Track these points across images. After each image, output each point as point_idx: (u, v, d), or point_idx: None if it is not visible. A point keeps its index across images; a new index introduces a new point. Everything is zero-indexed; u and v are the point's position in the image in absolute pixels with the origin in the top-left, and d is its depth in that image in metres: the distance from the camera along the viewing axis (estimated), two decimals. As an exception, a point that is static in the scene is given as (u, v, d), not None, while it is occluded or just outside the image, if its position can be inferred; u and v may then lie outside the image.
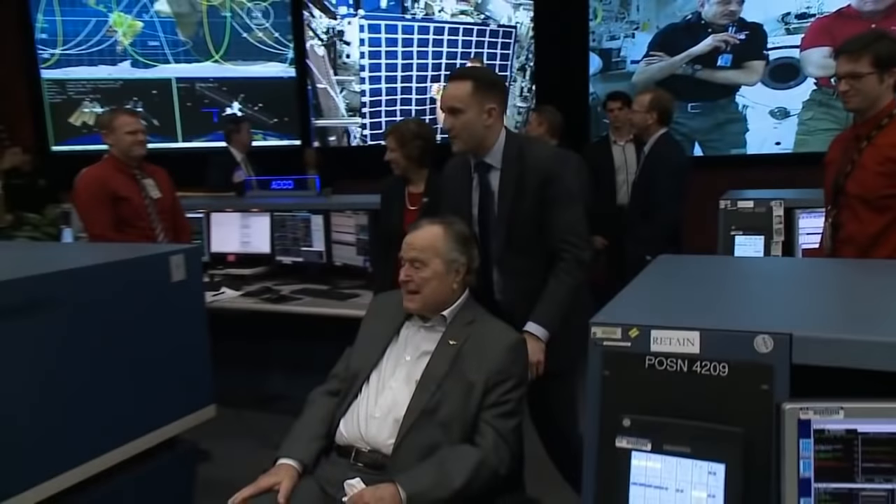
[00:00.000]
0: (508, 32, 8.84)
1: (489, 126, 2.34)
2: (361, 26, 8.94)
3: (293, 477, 1.94)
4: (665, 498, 1.10)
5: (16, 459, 1.79)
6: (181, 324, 2.35)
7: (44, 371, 1.90)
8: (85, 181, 3.80)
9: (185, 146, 9.04)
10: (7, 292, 1.83)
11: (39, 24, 9.08)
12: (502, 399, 1.97)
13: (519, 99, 8.95)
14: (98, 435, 2.02)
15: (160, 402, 2.26)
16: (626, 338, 1.19)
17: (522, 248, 2.39)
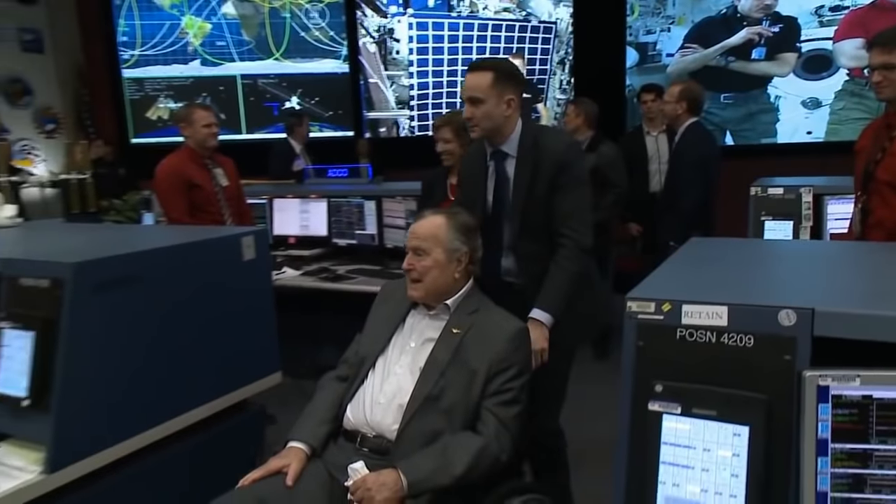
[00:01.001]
0: (549, 28, 8.76)
1: (508, 116, 2.29)
2: (410, 24, 8.95)
3: (302, 460, 1.89)
4: (693, 456, 1.11)
5: (112, 414, 1.89)
6: (251, 298, 2.41)
7: (133, 339, 1.98)
8: (164, 170, 3.88)
9: (249, 138, 9.20)
10: (109, 268, 1.92)
11: (121, 28, 9.32)
12: (504, 387, 1.90)
13: (558, 91, 8.87)
14: (180, 395, 2.10)
15: (233, 368, 2.32)
16: (659, 311, 1.20)
17: (536, 235, 2.33)
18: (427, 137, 8.95)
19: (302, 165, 6.02)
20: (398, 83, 9.09)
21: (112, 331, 1.92)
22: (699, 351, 1.15)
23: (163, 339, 2.06)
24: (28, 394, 1.80)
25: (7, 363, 1.87)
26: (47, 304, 1.83)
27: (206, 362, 2.21)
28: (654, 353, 1.18)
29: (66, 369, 1.78)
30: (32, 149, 8.86)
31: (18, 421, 1.83)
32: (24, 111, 8.86)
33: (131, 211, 5.66)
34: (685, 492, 1.10)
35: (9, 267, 1.94)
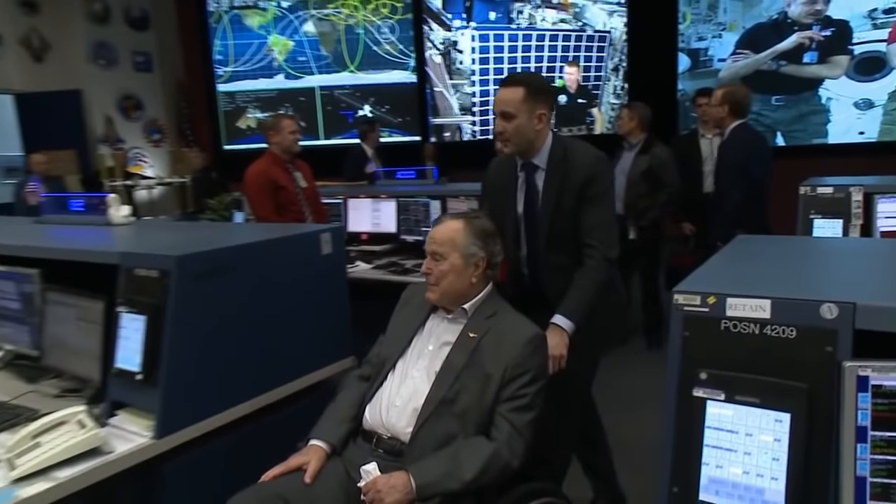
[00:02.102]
0: (603, 37, 8.63)
1: (539, 130, 2.16)
2: (473, 36, 8.96)
3: (321, 458, 1.80)
4: (735, 440, 1.10)
5: (208, 389, 1.95)
6: (328, 289, 2.44)
7: (226, 323, 2.03)
8: (252, 174, 4.00)
9: (326, 143, 9.40)
10: (206, 260, 1.98)
11: (216, 47, 9.67)
12: (518, 393, 1.76)
13: (612, 96, 8.74)
14: (265, 375, 2.16)
15: (310, 352, 2.36)
16: (705, 304, 1.18)
17: (563, 246, 2.20)
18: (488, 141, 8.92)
19: (373, 168, 6.10)
20: (461, 91, 9.12)
21: (209, 316, 1.98)
22: (742, 341, 1.13)
23: (251, 324, 2.12)
24: (141, 369, 1.88)
25: (124, 343, 1.95)
26: (156, 291, 1.91)
27: (287, 346, 2.25)
28: (699, 342, 1.17)
29: (171, 349, 1.86)
30: (142, 156, 9.27)
31: (133, 392, 1.91)
32: (136, 123, 9.29)
33: (224, 210, 5.85)
34: (728, 473, 1.09)
35: (126, 260, 2.03)
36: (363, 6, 9.30)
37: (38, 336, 2.32)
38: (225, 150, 9.64)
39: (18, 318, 2.41)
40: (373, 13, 9.29)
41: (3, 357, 2.46)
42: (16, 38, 8.25)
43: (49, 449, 1.65)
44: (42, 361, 2.31)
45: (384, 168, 5.90)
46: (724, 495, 1.09)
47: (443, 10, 9.02)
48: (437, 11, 9.05)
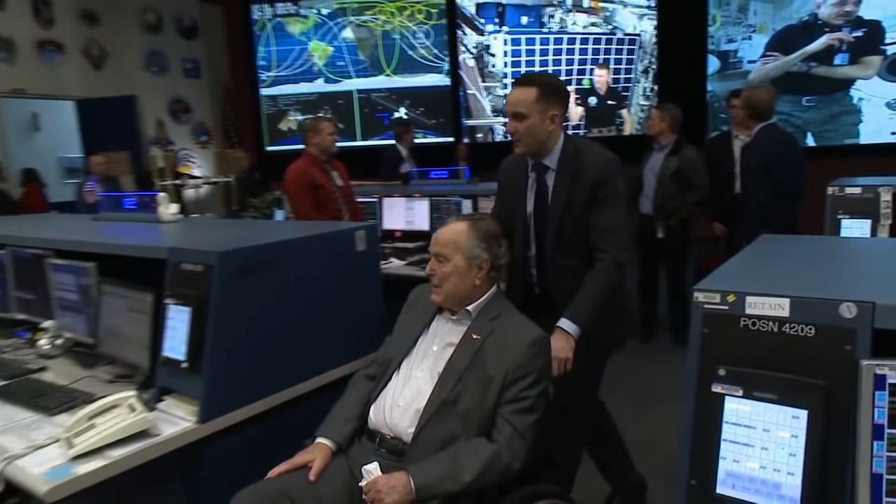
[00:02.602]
0: (633, 40, 8.52)
1: (551, 131, 2.07)
2: (505, 40, 8.94)
3: (326, 456, 1.75)
4: (753, 435, 1.08)
5: (248, 378, 1.97)
6: (362, 284, 2.44)
7: (266, 315, 2.05)
8: (292, 173, 4.04)
9: (363, 144, 9.47)
10: (247, 256, 2.00)
11: (260, 54, 9.82)
12: (520, 395, 1.68)
13: (642, 98, 8.63)
14: (301, 366, 2.17)
15: (344, 344, 2.35)
16: (724, 302, 1.17)
17: (570, 248, 2.10)
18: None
19: (408, 168, 6.12)
20: (494, 93, 9.10)
21: (249, 308, 2.00)
22: (761, 339, 1.11)
23: (288, 316, 2.13)
24: (186, 358, 1.92)
25: (171, 333, 1.99)
26: (201, 285, 1.94)
27: (322, 338, 2.26)
28: (718, 339, 1.15)
29: (213, 339, 1.89)
30: (191, 157, 9.46)
31: (179, 379, 1.94)
32: (185, 126, 9.49)
33: (266, 208, 5.93)
34: (745, 467, 1.08)
35: (173, 255, 2.06)
36: (399, 12, 9.34)
37: (94, 325, 2.37)
38: (267, 151, 9.78)
39: (77, 308, 2.46)
40: (408, 19, 9.32)
41: (63, 344, 2.52)
42: (77, 48, 8.49)
43: (103, 430, 1.70)
44: (97, 349, 2.36)
45: (418, 168, 5.91)
46: (741, 489, 1.08)
47: (476, 15, 9.01)
48: (471, 16, 9.05)
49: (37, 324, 2.66)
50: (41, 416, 1.92)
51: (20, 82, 7.90)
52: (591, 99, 8.78)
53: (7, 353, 2.58)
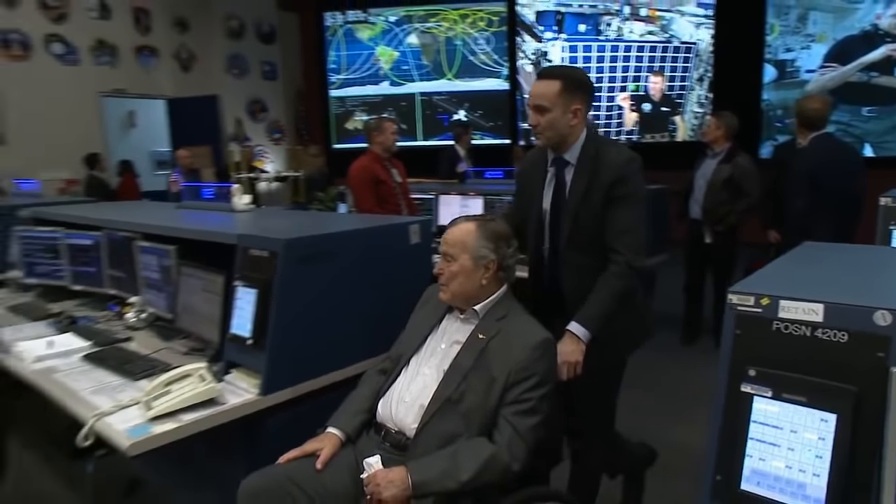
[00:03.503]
0: (689, 48, 8.28)
1: (573, 125, 1.92)
2: (563, 47, 8.82)
3: (335, 445, 1.71)
4: (780, 436, 1.05)
5: (306, 357, 2.00)
6: (414, 275, 2.42)
7: (324, 300, 2.07)
8: (357, 170, 4.09)
9: (423, 144, 9.53)
10: (309, 245, 2.03)
11: (331, 58, 10.00)
12: (522, 397, 1.60)
13: (696, 105, 8.38)
14: (354, 349, 2.18)
15: (392, 331, 2.27)
16: (758, 305, 1.13)
17: (584, 246, 1.94)
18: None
19: (464, 168, 6.12)
20: (551, 98, 9.00)
21: (309, 292, 2.03)
22: (793, 343, 1.08)
23: (343, 303, 2.14)
24: (251, 335, 1.96)
25: (239, 312, 2.04)
26: (267, 269, 1.97)
27: (373, 324, 2.24)
28: (750, 341, 1.12)
29: (276, 319, 1.92)
30: (265, 153, 9.72)
31: (245, 355, 1.99)
32: (261, 124, 9.76)
33: (330, 202, 6.03)
34: (770, 466, 1.05)
35: (244, 241, 2.10)
36: (462, 20, 9.35)
37: (172, 302, 2.45)
38: (334, 149, 9.96)
39: (159, 286, 2.56)
40: (470, 26, 9.32)
41: (147, 318, 2.63)
42: (170, 52, 8.85)
43: (177, 396, 1.78)
44: (175, 324, 2.44)
45: (474, 168, 5.90)
46: (766, 487, 1.05)
47: (535, 22, 8.93)
48: (530, 24, 8.97)
49: (125, 299, 2.79)
50: (126, 381, 2.02)
51: (120, 83, 8.31)
52: (644, 105, 8.58)
53: (100, 323, 2.72)
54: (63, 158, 7.52)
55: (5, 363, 2.23)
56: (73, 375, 2.10)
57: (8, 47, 7.37)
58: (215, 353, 2.15)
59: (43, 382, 2.07)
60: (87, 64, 8.02)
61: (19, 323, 2.78)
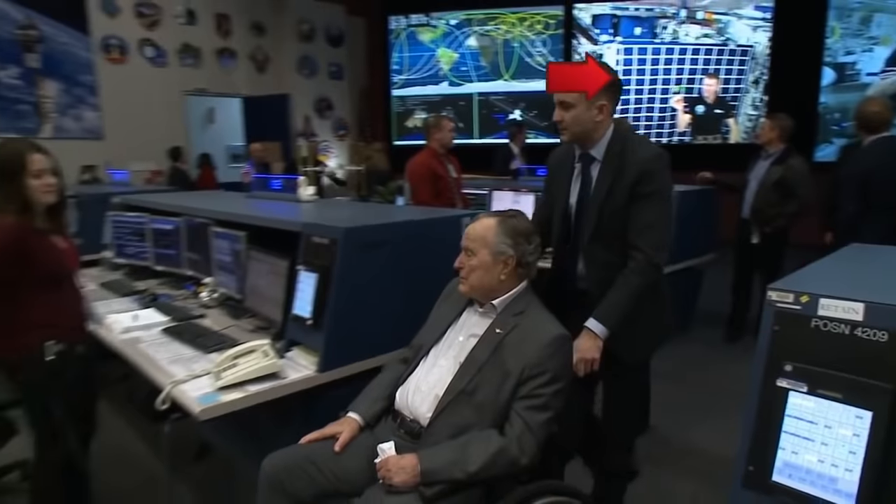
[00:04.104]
0: (745, 51, 7.96)
1: (599, 121, 1.81)
2: (618, 50, 8.63)
3: (354, 430, 1.69)
4: (814, 430, 1.02)
5: (361, 338, 2.04)
6: None
7: (379, 286, 2.10)
8: (415, 164, 4.11)
9: (479, 142, 9.51)
10: (367, 234, 2.08)
11: (394, 59, 10.09)
12: (535, 392, 1.54)
13: (750, 108, 8.05)
14: (405, 333, 2.10)
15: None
16: (798, 302, 1.10)
17: (608, 241, 1.85)
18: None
19: (517, 165, 6.08)
20: (604, 100, 8.83)
21: (365, 278, 2.06)
22: (831, 340, 1.04)
23: (396, 289, 2.16)
24: (311, 316, 2.02)
25: (301, 294, 2.10)
26: (327, 255, 2.02)
27: (422, 312, 2.16)
28: (787, 337, 1.09)
29: (334, 302, 1.97)
30: (330, 148, 9.92)
31: (305, 334, 2.05)
32: (327, 121, 9.96)
33: (389, 195, 6.10)
34: (803, 460, 1.02)
35: (306, 228, 2.16)
36: (520, 23, 9.27)
37: (242, 284, 2.53)
38: (395, 145, 10.06)
39: (230, 269, 2.65)
40: (528, 29, 9.23)
41: (218, 297, 2.73)
42: (247, 54, 9.14)
43: (243, 368, 1.85)
44: (243, 303, 2.52)
45: (527, 165, 5.86)
46: (797, 479, 1.02)
47: (591, 26, 8.77)
48: (586, 27, 8.81)
49: (200, 279, 2.90)
50: (199, 353, 2.11)
51: (202, 83, 8.64)
52: (698, 107, 8.31)
53: (178, 301, 2.85)
54: (150, 151, 7.89)
55: (98, 333, 2.36)
56: (154, 346, 2.21)
57: (108, 51, 7.78)
58: (278, 331, 2.20)
59: (128, 351, 2.19)
60: (173, 65, 8.37)
61: (109, 298, 2.95)
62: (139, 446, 3.05)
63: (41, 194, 1.97)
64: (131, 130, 7.87)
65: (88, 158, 7.33)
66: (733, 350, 4.29)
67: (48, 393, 1.97)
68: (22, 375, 1.99)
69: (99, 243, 3.71)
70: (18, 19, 7.05)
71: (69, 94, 7.48)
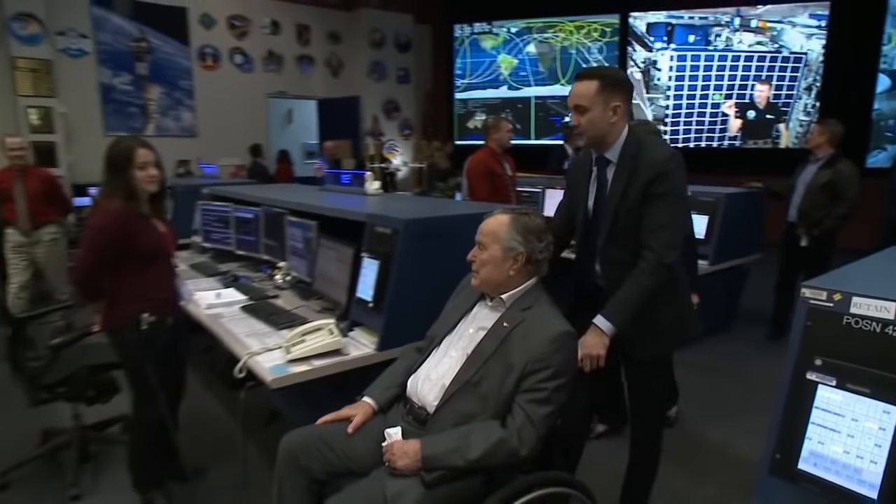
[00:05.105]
0: (799, 58, 7.54)
1: (613, 123, 1.74)
2: (671, 56, 8.35)
3: (367, 413, 1.67)
4: (841, 423, 0.99)
5: (416, 320, 1.97)
6: None
7: (435, 273, 2.09)
8: (474, 163, 4.12)
9: (536, 143, 9.42)
10: (425, 225, 2.09)
11: (457, 65, 10.11)
12: (537, 386, 1.48)
13: (802, 113, 7.63)
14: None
15: None
16: (830, 300, 1.06)
17: (624, 241, 1.78)
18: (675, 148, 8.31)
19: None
20: (656, 104, 8.57)
21: (423, 266, 2.08)
22: (862, 337, 1.00)
23: (450, 278, 2.10)
24: (372, 299, 2.07)
25: (364, 279, 2.15)
26: (388, 244, 2.07)
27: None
28: (819, 333, 1.05)
29: (394, 287, 2.02)
30: (395, 146, 10.05)
31: (367, 315, 2.10)
32: (394, 122, 10.09)
33: (449, 190, 6.14)
34: (829, 450, 0.99)
35: (371, 219, 2.21)
36: (577, 31, 9.10)
37: (312, 268, 2.61)
38: (456, 145, 10.09)
39: (302, 254, 2.72)
40: (585, 36, 9.06)
41: (291, 280, 2.82)
42: (323, 60, 9.37)
43: (310, 344, 1.93)
44: (312, 286, 2.60)
45: (579, 166, 5.77)
46: (822, 468, 1.00)
47: (646, 33, 8.52)
48: (641, 35, 8.57)
49: (275, 263, 3.00)
50: (272, 329, 2.20)
51: (282, 86, 8.94)
52: (749, 112, 7.94)
53: (255, 282, 2.97)
54: (236, 147, 8.23)
55: (187, 308, 2.50)
56: (233, 321, 2.32)
57: (204, 59, 8.18)
58: (343, 312, 2.26)
59: (212, 325, 2.31)
60: (258, 71, 8.69)
61: (197, 278, 3.12)
62: (218, 409, 3.21)
63: (145, 184, 2.11)
64: (220, 129, 8.24)
65: (183, 154, 7.74)
66: (774, 348, 4.12)
67: (141, 358, 2.10)
68: (120, 341, 2.14)
69: (190, 229, 3.90)
70: (133, 33, 7.53)
71: (170, 98, 7.91)
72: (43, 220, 4.16)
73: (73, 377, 2.43)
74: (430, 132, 10.30)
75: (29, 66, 6.60)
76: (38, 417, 2.80)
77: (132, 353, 2.12)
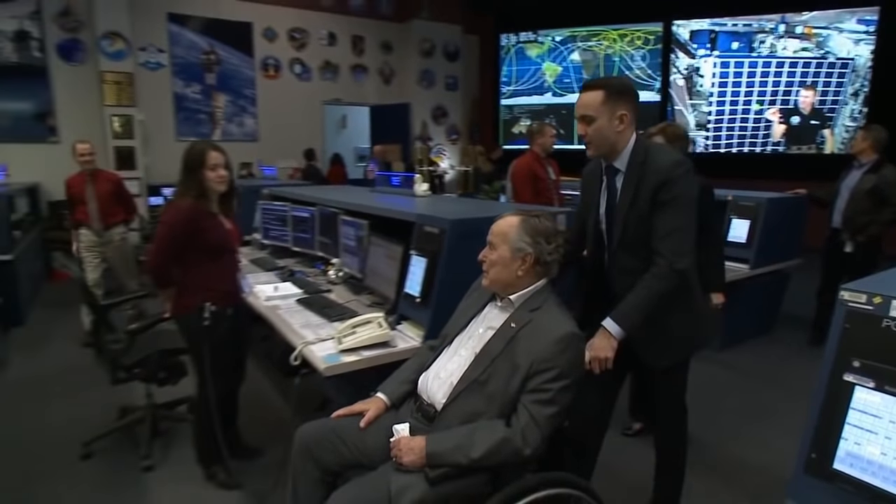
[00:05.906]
0: (845, 64, 7.17)
1: (620, 132, 1.69)
2: (715, 63, 8.09)
3: (380, 409, 1.65)
4: (878, 424, 0.95)
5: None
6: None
7: (478, 272, 1.94)
8: (519, 166, 4.10)
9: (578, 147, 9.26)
10: (470, 225, 2.07)
11: (503, 72, 10.09)
12: (542, 387, 1.44)
13: (848, 119, 7.26)
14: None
15: None
16: (870, 303, 1.03)
17: (634, 249, 1.73)
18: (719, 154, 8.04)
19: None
20: (699, 110, 8.33)
21: (467, 264, 1.99)
22: (902, 342, 0.97)
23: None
24: (420, 295, 2.09)
25: (412, 276, 2.16)
26: (436, 242, 2.08)
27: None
28: (857, 335, 1.02)
29: (440, 284, 2.03)
30: (443, 150, 10.11)
31: (414, 310, 2.12)
32: (441, 127, 10.15)
33: (494, 193, 6.13)
34: (865, 451, 0.96)
35: (419, 219, 2.22)
36: (621, 39, 8.94)
37: (363, 265, 2.65)
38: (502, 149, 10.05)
39: (354, 251, 2.77)
40: (628, 44, 8.88)
41: (343, 276, 2.87)
42: (375, 69, 9.53)
43: (360, 336, 1.97)
44: (363, 282, 2.64)
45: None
46: (858, 469, 0.97)
47: (689, 41, 8.28)
48: (684, 42, 8.34)
49: (329, 259, 3.06)
50: (325, 321, 2.25)
51: (338, 94, 9.13)
52: (793, 118, 7.61)
53: (310, 277, 3.04)
54: (293, 151, 8.46)
55: (248, 300, 2.59)
56: (289, 313, 2.39)
57: (266, 69, 8.46)
58: (392, 306, 2.28)
59: (270, 316, 2.39)
60: (316, 80, 8.91)
61: (256, 272, 3.22)
62: (273, 395, 3.31)
63: (215, 184, 2.21)
64: (279, 134, 8.50)
65: (245, 157, 8.03)
66: (815, 353, 3.95)
67: (204, 345, 2.19)
68: (186, 327, 2.25)
69: (250, 226, 4.03)
70: (204, 47, 7.87)
71: (235, 105, 8.21)
72: (113, 221, 4.31)
73: (147, 359, 2.57)
74: (476, 137, 10.30)
75: (114, 79, 7.01)
76: (117, 395, 2.97)
77: (195, 338, 2.21)
